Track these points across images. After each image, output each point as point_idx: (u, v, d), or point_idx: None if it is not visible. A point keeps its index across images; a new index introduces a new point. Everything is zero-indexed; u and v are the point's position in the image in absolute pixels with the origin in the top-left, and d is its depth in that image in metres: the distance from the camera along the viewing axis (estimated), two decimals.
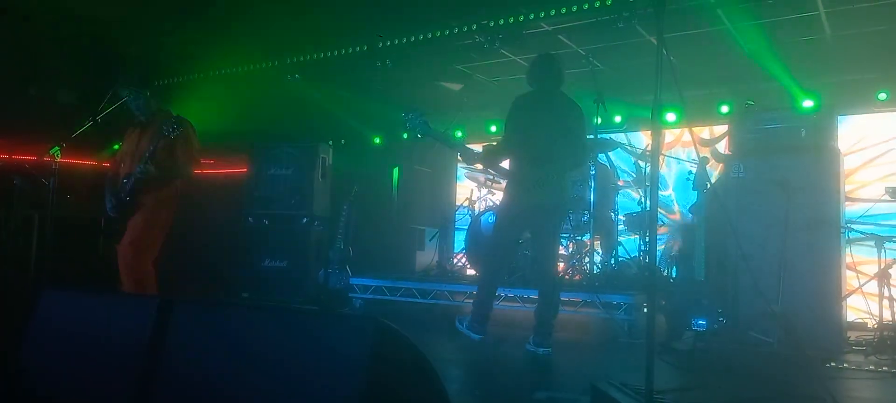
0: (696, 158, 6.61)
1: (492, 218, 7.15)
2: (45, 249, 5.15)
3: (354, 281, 7.17)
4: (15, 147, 6.49)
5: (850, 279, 5.36)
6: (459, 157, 5.91)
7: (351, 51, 7.34)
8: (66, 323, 2.91)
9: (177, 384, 2.46)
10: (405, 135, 7.09)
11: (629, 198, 7.85)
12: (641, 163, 7.50)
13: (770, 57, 6.49)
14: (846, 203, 5.64)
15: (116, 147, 5.06)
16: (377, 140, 9.83)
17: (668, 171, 8.35)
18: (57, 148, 4.72)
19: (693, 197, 6.34)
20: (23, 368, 2.85)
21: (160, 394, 2.46)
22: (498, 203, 7.73)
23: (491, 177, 7.73)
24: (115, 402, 2.52)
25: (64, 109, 6.86)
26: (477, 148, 6.29)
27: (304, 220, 7.62)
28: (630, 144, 8.26)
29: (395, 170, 9.69)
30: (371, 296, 7.00)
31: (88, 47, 7.08)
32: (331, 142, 8.47)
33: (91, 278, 5.14)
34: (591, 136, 7.07)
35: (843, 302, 5.11)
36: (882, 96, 6.81)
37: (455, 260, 8.14)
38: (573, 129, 4.75)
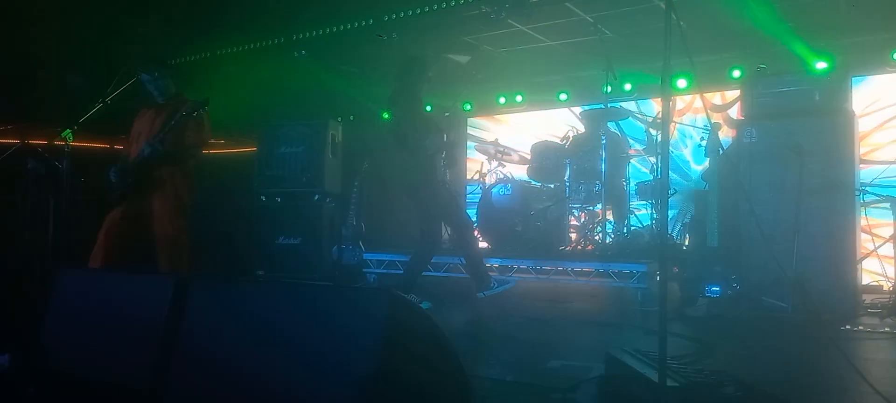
0: (707, 124, 6.54)
1: (504, 191, 7.15)
2: (60, 231, 5.19)
3: (368, 256, 7.20)
4: (26, 131, 6.52)
5: (864, 242, 5.32)
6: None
7: (358, 25, 7.29)
8: (85, 302, 2.96)
9: (194, 360, 2.49)
10: None
11: (641, 166, 7.81)
12: (653, 132, 7.44)
13: (780, 19, 6.37)
14: (861, 165, 5.58)
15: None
16: (386, 115, 9.79)
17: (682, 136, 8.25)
18: (68, 131, 4.73)
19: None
20: (44, 346, 2.90)
21: (178, 371, 2.49)
22: (508, 174, 7.73)
23: (501, 150, 7.71)
24: (134, 378, 2.56)
25: (73, 92, 6.86)
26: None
27: (316, 197, 7.64)
28: (640, 112, 8.19)
29: None
30: (385, 271, 7.03)
31: (95, 29, 7.07)
32: (340, 119, 8.45)
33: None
34: (602, 105, 7.06)
35: (858, 266, 5.08)
36: None
37: None
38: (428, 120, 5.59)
